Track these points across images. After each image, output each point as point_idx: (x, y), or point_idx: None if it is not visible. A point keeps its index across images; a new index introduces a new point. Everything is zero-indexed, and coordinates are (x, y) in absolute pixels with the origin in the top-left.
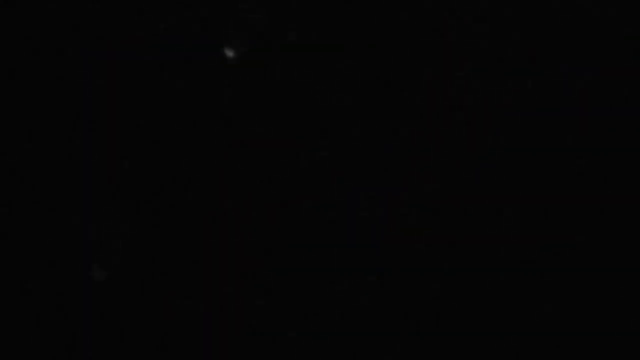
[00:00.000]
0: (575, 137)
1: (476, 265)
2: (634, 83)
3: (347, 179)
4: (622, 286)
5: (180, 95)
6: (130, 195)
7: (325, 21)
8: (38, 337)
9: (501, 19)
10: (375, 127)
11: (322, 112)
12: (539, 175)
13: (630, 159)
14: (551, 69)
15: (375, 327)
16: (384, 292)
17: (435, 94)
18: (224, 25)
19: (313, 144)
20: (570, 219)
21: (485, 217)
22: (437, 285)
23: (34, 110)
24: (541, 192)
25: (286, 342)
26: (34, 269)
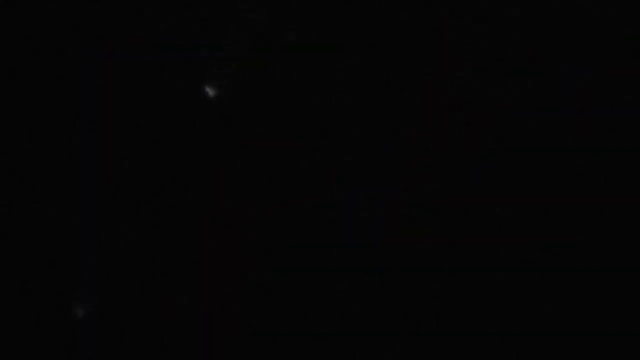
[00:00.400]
0: (575, 137)
1: (476, 265)
2: (634, 83)
3: (347, 179)
4: (622, 286)
5: (180, 95)
6: (130, 195)
7: (325, 21)
8: (37, 336)
9: (501, 19)
10: (375, 127)
11: (322, 112)
12: (539, 175)
13: (630, 159)
14: (551, 69)
15: (375, 327)
16: (384, 292)
17: (435, 94)
18: (224, 25)
19: (313, 144)
20: (570, 219)
21: (485, 217)
22: (437, 285)
23: (34, 110)
24: (541, 192)
25: (286, 342)
26: (33, 269)
